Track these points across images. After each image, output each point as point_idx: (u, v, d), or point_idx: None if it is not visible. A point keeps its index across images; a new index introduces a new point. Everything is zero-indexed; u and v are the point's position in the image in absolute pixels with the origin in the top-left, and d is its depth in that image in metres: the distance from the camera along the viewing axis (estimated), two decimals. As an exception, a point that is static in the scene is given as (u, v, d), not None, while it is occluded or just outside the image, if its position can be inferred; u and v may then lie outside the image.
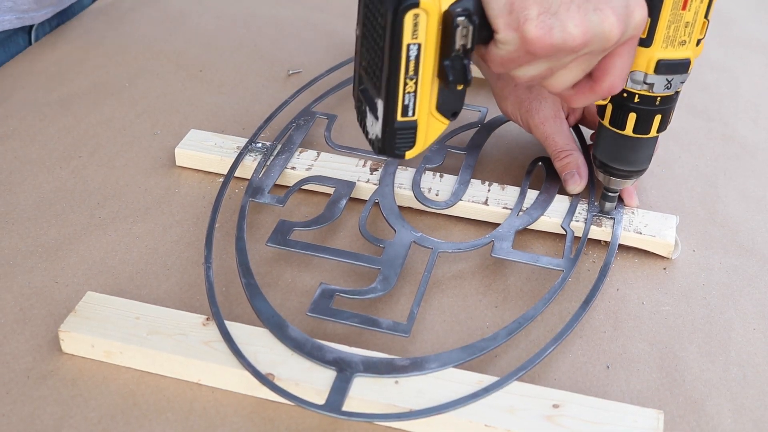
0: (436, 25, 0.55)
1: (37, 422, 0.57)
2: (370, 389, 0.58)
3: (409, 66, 0.56)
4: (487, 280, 0.70)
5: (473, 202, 0.75)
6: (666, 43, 0.62)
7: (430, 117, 0.59)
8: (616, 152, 0.69)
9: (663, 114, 0.66)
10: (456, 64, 0.56)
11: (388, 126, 0.58)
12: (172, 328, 0.61)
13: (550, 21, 0.55)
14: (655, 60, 0.62)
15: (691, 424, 0.59)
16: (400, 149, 0.60)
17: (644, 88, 0.64)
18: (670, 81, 0.63)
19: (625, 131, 0.67)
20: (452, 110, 0.59)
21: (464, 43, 0.55)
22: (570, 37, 0.55)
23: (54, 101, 0.89)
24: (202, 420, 0.58)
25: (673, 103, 0.66)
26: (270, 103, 0.89)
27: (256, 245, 0.72)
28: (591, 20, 0.55)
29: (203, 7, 1.10)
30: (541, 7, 0.55)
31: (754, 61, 1.06)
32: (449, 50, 0.56)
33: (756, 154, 0.88)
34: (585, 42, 0.56)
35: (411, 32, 0.54)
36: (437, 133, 0.60)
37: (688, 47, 0.62)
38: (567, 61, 0.58)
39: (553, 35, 0.55)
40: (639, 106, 0.65)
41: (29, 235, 0.71)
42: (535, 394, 0.58)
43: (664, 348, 0.65)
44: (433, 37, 0.55)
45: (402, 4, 0.53)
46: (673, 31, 0.61)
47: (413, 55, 0.55)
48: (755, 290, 0.71)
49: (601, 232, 0.73)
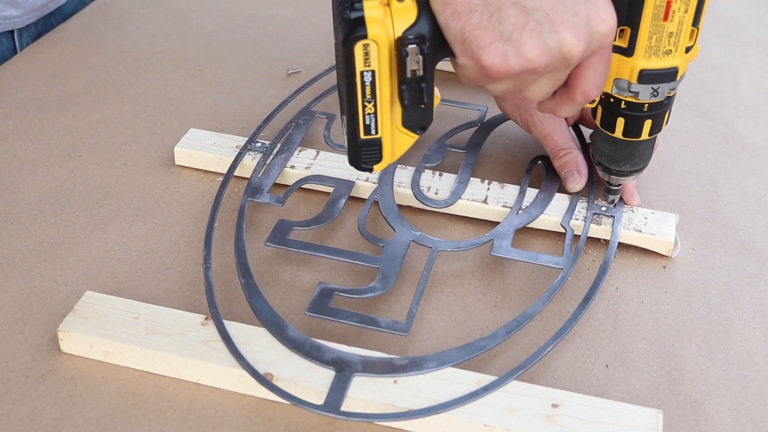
0: (387, 53, 0.55)
1: (36, 422, 0.57)
2: (369, 389, 0.58)
3: (366, 91, 0.56)
4: (487, 278, 0.70)
5: (473, 200, 0.75)
6: (648, 53, 0.60)
7: (395, 132, 0.60)
8: (611, 152, 0.69)
9: (653, 118, 0.65)
10: (412, 87, 0.56)
11: (352, 143, 0.60)
12: (171, 327, 0.61)
13: (504, 48, 0.54)
14: (638, 69, 0.61)
15: (691, 424, 0.59)
16: (367, 163, 0.61)
17: (630, 95, 0.63)
18: (656, 89, 0.62)
19: (615, 134, 0.67)
20: (419, 125, 0.60)
21: (415, 69, 0.55)
22: (526, 61, 0.54)
23: (53, 100, 0.89)
24: (201, 420, 0.57)
25: (664, 107, 0.65)
26: (269, 103, 0.89)
27: (255, 245, 0.72)
28: (547, 43, 0.54)
29: (203, 7, 1.10)
30: (492, 35, 0.54)
31: (754, 60, 1.06)
32: (403, 75, 0.56)
33: (756, 153, 0.88)
34: (545, 64, 0.55)
35: (363, 60, 0.55)
36: (406, 146, 0.61)
37: (675, 56, 0.61)
38: (532, 79, 0.58)
39: (508, 62, 0.54)
40: (626, 112, 0.65)
41: (28, 235, 0.71)
42: (534, 393, 0.58)
43: (664, 347, 0.65)
44: (386, 64, 0.56)
45: (351, 36, 0.54)
46: (655, 41, 0.60)
47: (368, 81, 0.56)
48: (755, 289, 0.71)
49: (601, 230, 0.73)
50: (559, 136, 0.77)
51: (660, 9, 0.58)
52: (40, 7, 0.99)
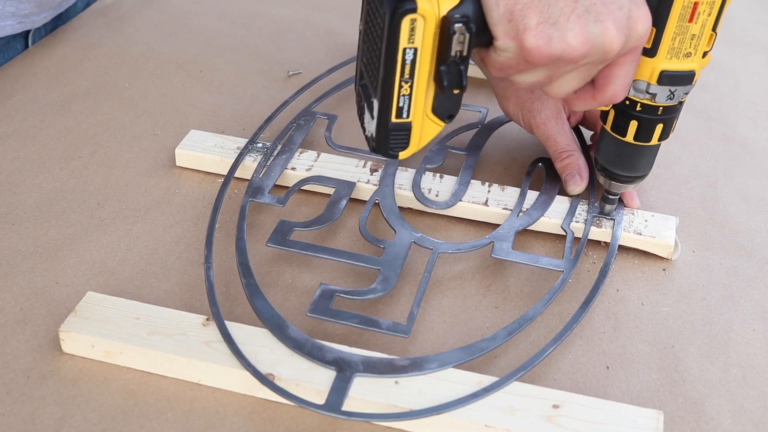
0: (433, 31, 0.55)
1: (37, 422, 0.57)
2: (370, 389, 0.58)
3: (405, 69, 0.56)
4: (487, 280, 0.70)
5: (473, 202, 0.75)
6: (671, 54, 0.61)
7: (425, 119, 0.59)
8: (617, 157, 0.69)
9: (665, 123, 0.66)
10: (452, 70, 0.56)
11: (383, 126, 0.59)
12: (173, 328, 0.61)
13: (549, 31, 0.54)
14: (659, 71, 0.61)
15: (691, 425, 0.59)
16: (394, 149, 0.60)
17: (647, 97, 0.63)
18: (672, 92, 0.63)
19: (626, 138, 0.67)
20: (448, 113, 0.59)
21: (460, 49, 0.55)
22: (569, 47, 0.55)
23: (54, 102, 0.89)
24: (203, 420, 0.58)
25: (675, 113, 0.65)
26: (270, 104, 0.90)
27: (256, 245, 0.72)
28: (591, 31, 0.54)
29: (203, 8, 1.10)
30: (541, 16, 0.54)
31: (754, 61, 1.06)
32: (445, 56, 0.55)
33: (756, 154, 0.88)
34: (584, 53, 0.55)
35: (408, 37, 0.54)
36: (432, 134, 0.60)
37: (694, 59, 0.62)
38: (567, 70, 0.58)
39: (551, 45, 0.54)
40: (641, 115, 0.65)
41: (29, 236, 0.72)
42: (535, 394, 0.58)
43: (664, 348, 0.65)
44: (429, 43, 0.55)
45: (399, 9, 0.53)
46: (678, 43, 0.60)
47: (409, 59, 0.55)
48: (755, 291, 0.71)
49: (601, 233, 0.73)
50: (561, 138, 0.77)
51: (687, 9, 0.59)
52: (57, 4, 0.99)
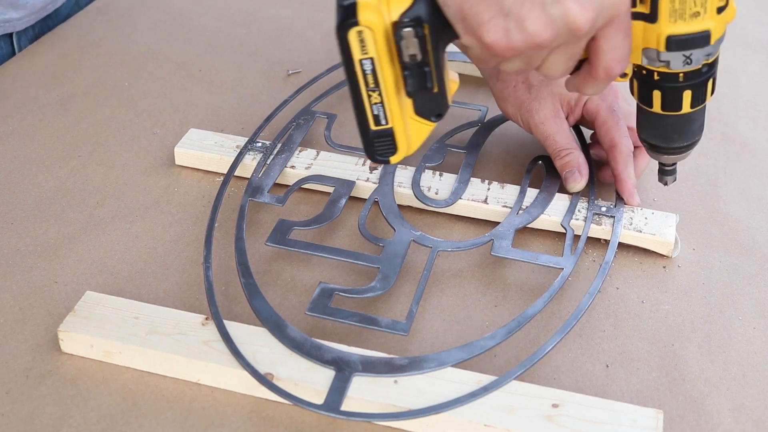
0: (383, 39, 0.54)
1: (37, 422, 0.57)
2: (369, 389, 0.58)
3: (368, 80, 0.55)
4: (487, 278, 0.70)
5: (473, 200, 0.75)
6: (674, 17, 0.55)
7: (410, 121, 0.58)
8: (652, 129, 0.63)
9: (693, 89, 0.59)
10: (414, 73, 0.55)
11: (364, 135, 0.59)
12: (172, 327, 0.61)
13: (504, 23, 0.52)
14: (665, 36, 0.55)
15: (691, 424, 0.59)
16: (383, 155, 0.59)
17: (661, 65, 0.57)
18: (688, 56, 0.56)
19: (654, 109, 0.61)
20: (434, 112, 0.58)
21: (413, 53, 0.54)
22: (530, 36, 0.52)
23: (53, 100, 0.89)
24: (202, 420, 0.57)
25: (703, 76, 0.58)
26: (270, 103, 0.89)
27: (256, 244, 0.72)
28: (551, 14, 0.51)
29: (203, 7, 1.10)
30: (491, 10, 0.52)
31: (754, 60, 1.05)
32: (402, 60, 0.55)
33: (756, 153, 0.88)
34: (551, 37, 0.52)
35: (359, 49, 0.54)
36: (423, 135, 0.59)
37: (705, 18, 0.55)
38: (542, 55, 0.55)
39: (510, 37, 0.52)
40: (661, 84, 0.59)
41: (28, 235, 0.71)
42: (534, 393, 0.58)
43: (664, 347, 0.65)
44: (383, 50, 0.54)
45: (344, 23, 0.53)
46: (679, 3, 0.54)
47: (368, 69, 0.55)
48: (755, 289, 0.71)
49: (601, 230, 0.73)
50: (560, 137, 0.77)
51: None
52: (40, 9, 0.98)
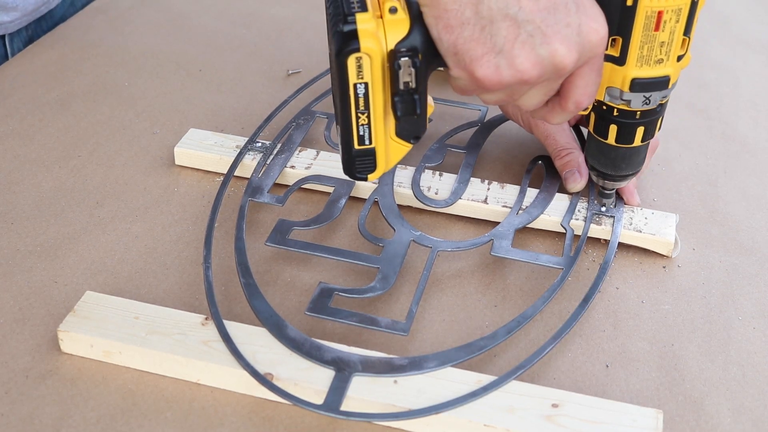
0: (380, 65, 0.56)
1: (36, 422, 0.57)
2: (369, 389, 0.58)
3: (359, 102, 0.57)
4: (487, 278, 0.70)
5: (473, 200, 0.75)
6: (640, 62, 0.60)
7: (390, 142, 0.60)
8: (603, 158, 0.69)
9: (646, 125, 0.65)
10: (405, 99, 0.57)
11: (347, 153, 0.60)
12: (171, 327, 0.61)
13: (496, 60, 0.54)
14: (630, 78, 0.61)
15: (691, 424, 0.59)
16: (362, 173, 0.61)
17: (622, 103, 0.63)
18: (647, 97, 0.63)
19: (608, 141, 0.67)
20: (413, 135, 0.60)
21: (408, 81, 0.56)
22: (519, 73, 0.55)
23: (53, 100, 0.89)
24: (201, 420, 0.57)
25: (657, 115, 0.65)
26: (269, 103, 0.89)
27: (256, 244, 0.72)
28: (539, 54, 0.54)
29: (203, 7, 1.10)
30: (484, 47, 0.54)
31: (754, 60, 1.05)
32: (396, 87, 0.56)
33: (756, 152, 0.88)
34: (537, 75, 0.55)
35: (356, 73, 0.56)
36: (400, 156, 0.62)
37: (667, 65, 0.61)
38: (525, 90, 0.58)
39: (501, 73, 0.55)
40: (619, 119, 0.65)
41: (28, 235, 0.71)
42: (534, 393, 0.58)
43: (664, 347, 0.65)
44: (378, 76, 0.56)
45: (344, 49, 0.54)
46: (647, 51, 0.60)
47: (361, 93, 0.57)
48: (755, 289, 0.71)
49: (601, 230, 0.73)
50: (560, 137, 0.77)
51: (651, 19, 0.58)
52: (32, 11, 0.98)
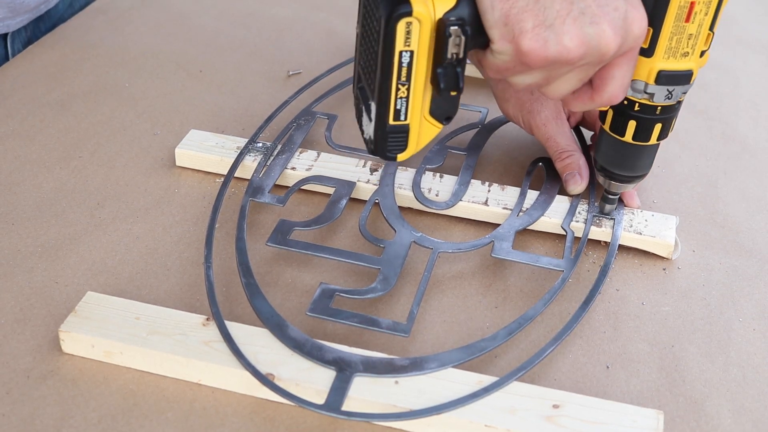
0: (428, 34, 0.55)
1: (37, 422, 0.57)
2: (370, 389, 0.58)
3: (402, 72, 0.56)
4: (487, 280, 0.70)
5: (473, 202, 0.75)
6: (668, 54, 0.61)
7: (423, 121, 0.59)
8: (616, 157, 0.69)
9: (664, 123, 0.66)
10: (449, 72, 0.56)
11: (381, 129, 0.59)
12: (172, 328, 0.61)
13: (545, 34, 0.54)
14: (657, 70, 0.62)
15: (691, 425, 0.59)
16: (392, 152, 0.60)
17: (645, 97, 0.64)
18: (671, 91, 0.63)
19: (625, 138, 0.67)
20: (446, 115, 0.60)
21: (456, 51, 0.55)
22: (565, 50, 0.55)
23: (54, 101, 0.89)
24: (202, 420, 0.58)
25: (674, 112, 0.65)
26: (270, 103, 0.89)
27: (256, 245, 0.72)
28: (587, 33, 0.55)
29: (203, 8, 1.10)
30: (536, 19, 0.54)
31: (754, 60, 1.06)
32: (441, 58, 0.56)
33: (756, 153, 0.88)
34: (581, 55, 0.55)
35: (404, 40, 0.55)
36: (430, 136, 0.61)
37: (691, 59, 0.62)
38: (563, 72, 0.58)
39: (548, 48, 0.55)
40: (639, 115, 0.65)
41: (29, 235, 0.72)
42: (535, 394, 0.58)
43: (664, 348, 0.65)
44: (425, 45, 0.55)
45: (395, 13, 0.53)
46: (675, 42, 0.60)
47: (405, 61, 0.56)
48: (755, 291, 0.71)
49: (601, 232, 0.73)
50: (561, 139, 0.77)
51: (684, 9, 0.59)
52: (33, 8, 0.98)
